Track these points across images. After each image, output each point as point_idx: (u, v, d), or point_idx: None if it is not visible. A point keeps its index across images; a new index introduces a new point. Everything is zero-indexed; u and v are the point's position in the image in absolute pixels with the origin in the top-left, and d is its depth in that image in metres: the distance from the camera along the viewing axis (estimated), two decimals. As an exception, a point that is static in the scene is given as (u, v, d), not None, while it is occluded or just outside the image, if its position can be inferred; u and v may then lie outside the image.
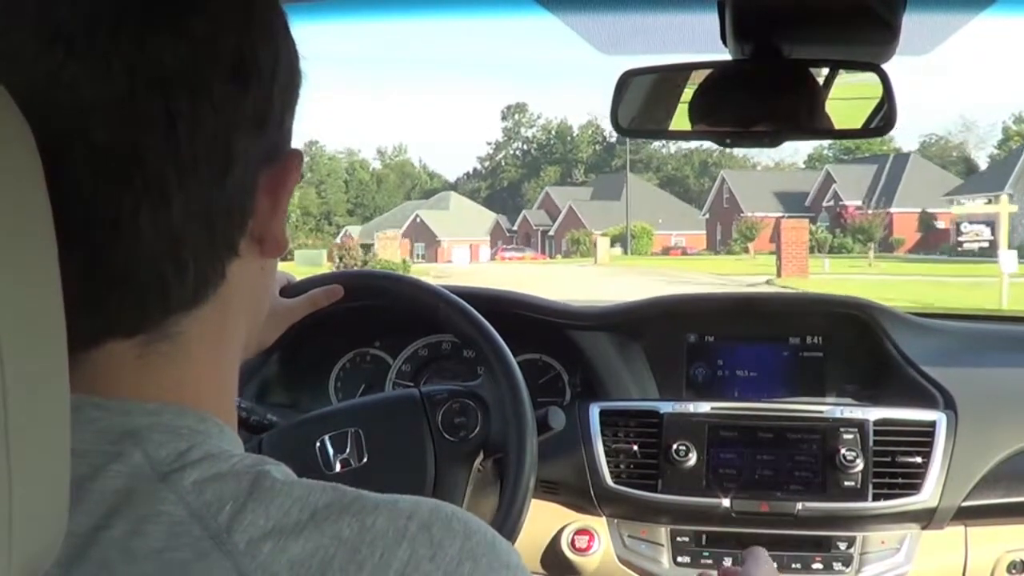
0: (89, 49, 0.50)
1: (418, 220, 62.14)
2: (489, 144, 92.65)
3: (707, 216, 57.25)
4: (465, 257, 55.08)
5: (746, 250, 46.56)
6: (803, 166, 71.52)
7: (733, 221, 52.16)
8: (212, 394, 0.58)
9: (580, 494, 1.58)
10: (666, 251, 53.58)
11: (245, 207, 0.56)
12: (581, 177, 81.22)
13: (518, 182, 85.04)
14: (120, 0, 0.51)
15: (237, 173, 0.55)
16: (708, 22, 1.23)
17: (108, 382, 0.53)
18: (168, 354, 0.55)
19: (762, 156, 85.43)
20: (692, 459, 1.53)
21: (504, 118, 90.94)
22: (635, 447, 1.57)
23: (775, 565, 1.09)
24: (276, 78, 0.57)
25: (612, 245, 47.88)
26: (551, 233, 60.32)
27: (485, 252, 58.81)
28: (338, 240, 67.70)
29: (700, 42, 1.33)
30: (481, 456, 1.23)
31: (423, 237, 60.85)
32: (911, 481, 1.50)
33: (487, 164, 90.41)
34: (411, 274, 1.62)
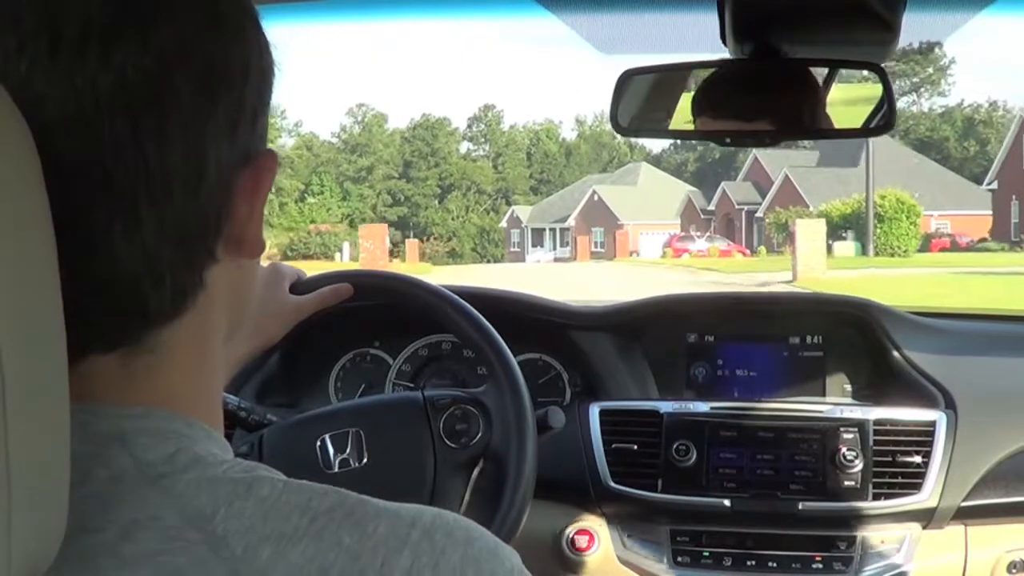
0: (52, 64, 0.49)
1: (595, 198, 47.27)
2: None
3: (994, 187, 35.88)
4: (656, 247, 39.61)
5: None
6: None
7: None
8: (198, 399, 0.57)
9: (580, 494, 1.58)
10: (927, 241, 33.23)
11: (221, 214, 0.55)
12: (811, 145, 55.71)
13: (733, 152, 63.31)
14: (82, 14, 0.50)
15: (211, 182, 0.53)
16: (708, 22, 1.23)
17: (93, 392, 0.52)
18: (151, 365, 0.54)
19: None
20: (692, 459, 1.53)
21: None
22: (635, 447, 1.57)
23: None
24: (247, 80, 0.55)
25: (840, 234, 28.82)
26: (759, 214, 41.57)
27: (648, 243, 41.48)
28: (503, 223, 55.10)
29: (700, 42, 1.33)
30: (481, 463, 1.23)
31: (601, 220, 46.02)
32: (911, 481, 1.50)
33: (696, 131, 71.38)
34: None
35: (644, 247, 41.70)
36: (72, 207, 0.49)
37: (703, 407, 1.59)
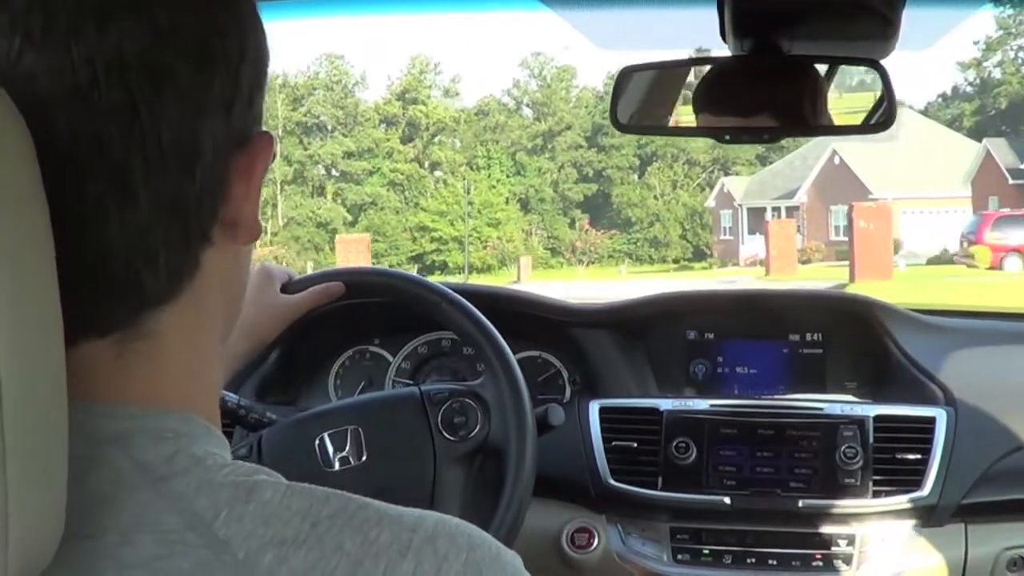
0: (47, 39, 0.49)
1: (836, 161, 32.35)
2: (975, 45, 46.08)
3: None
4: (930, 238, 26.18)
5: None
6: None
7: None
8: (194, 391, 0.56)
9: (580, 492, 1.58)
10: None
11: (216, 195, 0.55)
12: None
13: None
14: None
15: (206, 161, 0.53)
16: (708, 18, 1.23)
17: (88, 384, 0.52)
18: (145, 352, 0.53)
19: None
20: (692, 456, 1.53)
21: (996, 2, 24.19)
22: (635, 444, 1.57)
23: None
24: (244, 60, 0.55)
25: None
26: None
27: (916, 228, 28.14)
28: (711, 201, 39.74)
29: (700, 39, 1.33)
30: (481, 457, 1.23)
31: (844, 192, 29.52)
32: (911, 478, 1.50)
33: (972, 76, 48.53)
34: None
35: (909, 236, 27.03)
36: (65, 184, 0.49)
37: (703, 404, 1.59)
